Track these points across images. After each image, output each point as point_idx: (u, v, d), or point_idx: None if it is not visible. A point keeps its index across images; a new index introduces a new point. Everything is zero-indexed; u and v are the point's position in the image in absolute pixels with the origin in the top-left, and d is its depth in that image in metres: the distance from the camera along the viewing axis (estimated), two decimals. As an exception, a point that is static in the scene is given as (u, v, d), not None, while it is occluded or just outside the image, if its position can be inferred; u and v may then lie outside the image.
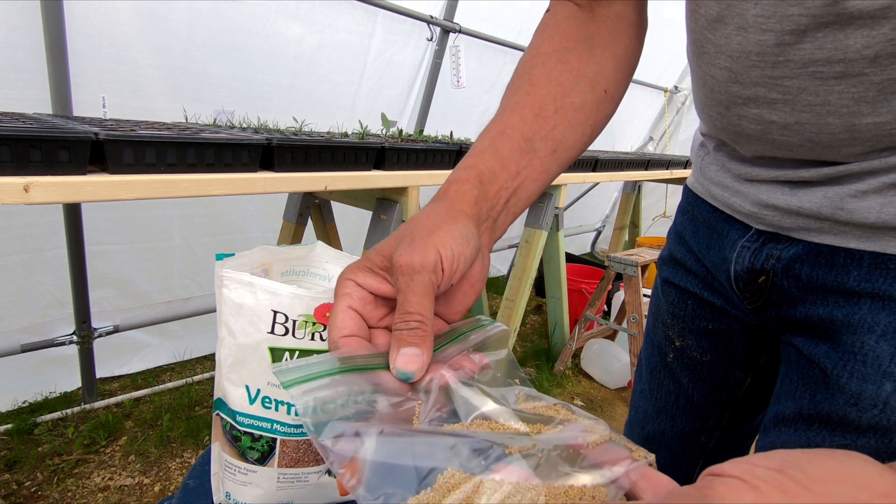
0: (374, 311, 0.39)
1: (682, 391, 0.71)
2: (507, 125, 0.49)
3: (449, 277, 0.38)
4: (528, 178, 0.49)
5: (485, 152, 0.48)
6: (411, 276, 0.36)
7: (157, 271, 2.18)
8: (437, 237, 0.37)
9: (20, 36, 1.53)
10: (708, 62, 0.50)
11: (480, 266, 0.43)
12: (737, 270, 0.57)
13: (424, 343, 0.35)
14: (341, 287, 0.39)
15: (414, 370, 0.35)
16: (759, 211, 0.54)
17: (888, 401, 0.46)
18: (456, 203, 0.43)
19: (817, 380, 0.51)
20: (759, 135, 0.49)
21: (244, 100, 2.05)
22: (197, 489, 0.64)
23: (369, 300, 0.39)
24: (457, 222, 0.40)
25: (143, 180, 1.05)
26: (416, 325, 0.35)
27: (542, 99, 0.50)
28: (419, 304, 0.36)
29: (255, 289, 0.52)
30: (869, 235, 0.46)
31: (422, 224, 0.39)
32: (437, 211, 0.42)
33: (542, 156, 0.49)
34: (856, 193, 0.46)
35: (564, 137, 0.51)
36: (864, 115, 0.42)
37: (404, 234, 0.39)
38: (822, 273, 0.50)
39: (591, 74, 0.53)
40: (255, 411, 0.54)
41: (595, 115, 0.54)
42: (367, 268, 0.39)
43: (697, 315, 0.67)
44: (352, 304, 0.38)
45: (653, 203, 4.40)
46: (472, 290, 0.43)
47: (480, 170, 0.46)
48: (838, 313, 0.49)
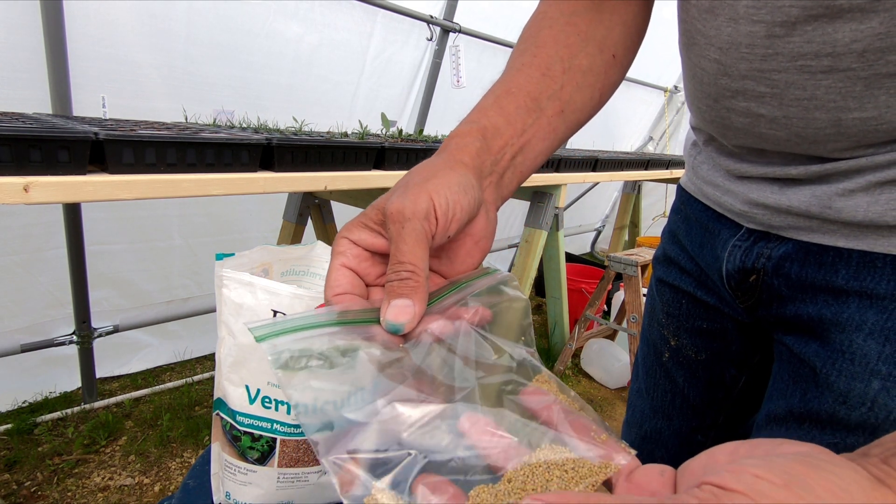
0: (371, 269, 0.38)
1: (678, 390, 0.71)
2: (513, 84, 0.48)
3: (444, 227, 0.36)
4: (535, 136, 0.47)
5: (488, 109, 0.46)
6: (402, 223, 0.34)
7: (157, 271, 2.18)
8: (431, 184, 0.36)
9: (20, 36, 1.53)
10: (698, 54, 0.50)
11: (485, 222, 0.41)
12: (728, 269, 0.57)
13: (416, 294, 0.33)
14: (336, 245, 0.37)
15: (404, 321, 0.33)
16: (749, 209, 0.54)
17: (876, 399, 0.46)
18: (455, 154, 0.41)
19: (807, 378, 0.51)
20: (746, 128, 0.49)
21: (244, 100, 2.05)
22: (197, 489, 0.64)
23: (365, 257, 0.37)
24: (454, 171, 0.38)
25: (142, 180, 1.05)
26: (408, 275, 0.34)
27: (549, 60, 0.49)
28: (410, 252, 0.34)
29: (255, 289, 0.52)
30: (857, 234, 0.46)
31: (417, 174, 0.38)
32: (434, 162, 0.40)
33: (550, 115, 0.48)
34: (843, 192, 0.46)
35: (572, 98, 0.50)
36: (851, 110, 0.42)
37: (399, 185, 0.37)
38: (811, 272, 0.50)
39: (599, 38, 0.52)
40: (254, 411, 0.54)
41: (603, 79, 0.52)
42: (362, 224, 0.37)
43: (692, 314, 0.67)
44: (346, 262, 0.36)
45: (653, 203, 4.40)
46: (476, 247, 0.41)
47: (483, 125, 0.44)
48: (827, 312, 0.49)
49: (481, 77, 2.93)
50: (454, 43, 2.55)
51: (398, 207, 0.34)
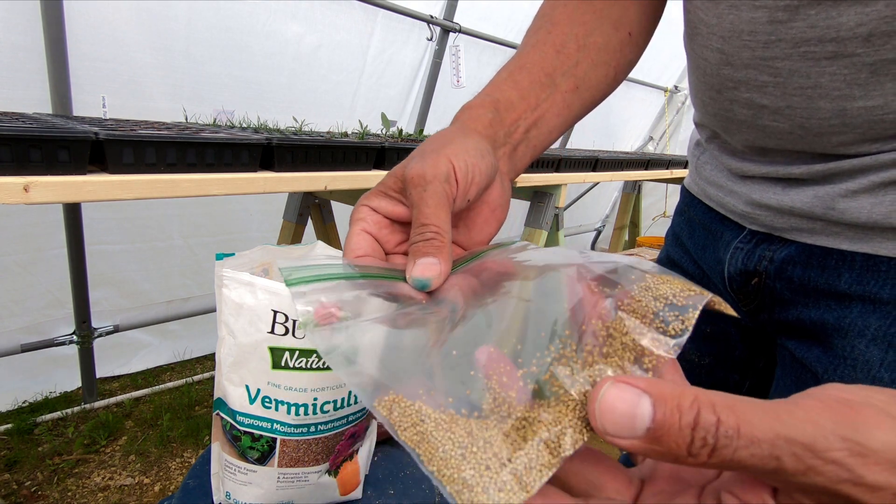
0: (391, 236, 0.38)
1: None
2: (527, 60, 0.48)
3: (464, 189, 0.36)
4: (549, 111, 0.47)
5: (502, 83, 0.46)
6: (423, 186, 0.34)
7: (157, 271, 2.18)
8: (449, 149, 0.36)
9: (20, 36, 1.53)
10: (701, 44, 0.50)
11: (500, 190, 0.41)
12: (730, 272, 0.57)
13: (441, 253, 0.33)
14: (355, 213, 0.37)
15: (431, 276, 0.33)
16: (752, 211, 0.54)
17: None
18: (468, 124, 0.41)
19: (809, 384, 0.50)
20: (749, 120, 0.49)
21: (244, 99, 2.05)
22: (197, 489, 0.64)
23: (385, 224, 0.37)
24: (469, 137, 0.38)
25: (143, 180, 1.05)
26: (433, 236, 0.33)
27: (564, 37, 0.49)
28: (434, 214, 0.34)
29: (255, 288, 0.52)
30: (861, 236, 0.46)
31: (433, 141, 0.38)
32: (448, 131, 0.40)
33: (564, 91, 0.48)
34: (846, 193, 0.45)
35: (587, 76, 0.49)
36: (856, 98, 0.41)
37: (416, 153, 0.38)
38: (814, 275, 0.49)
39: (615, 16, 0.51)
40: (255, 411, 0.54)
41: (619, 57, 0.52)
42: (381, 192, 0.37)
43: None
44: (366, 228, 0.36)
45: (653, 203, 4.39)
46: (492, 216, 0.41)
47: (496, 98, 0.44)
48: (829, 317, 0.48)
49: (481, 77, 2.93)
50: (454, 43, 2.55)
51: (418, 171, 0.34)
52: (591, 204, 4.65)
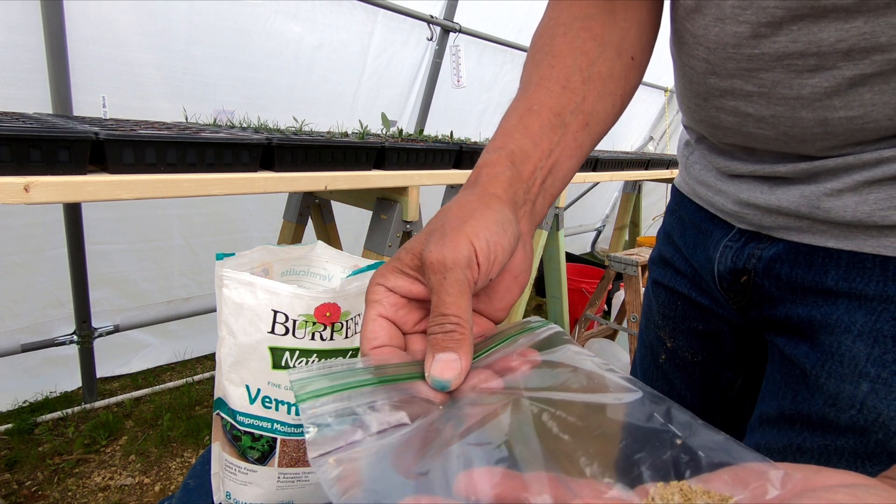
0: (409, 316, 0.36)
1: (675, 392, 0.71)
2: (534, 101, 0.46)
3: (486, 271, 0.34)
4: (563, 155, 0.46)
5: (513, 131, 0.45)
6: (444, 273, 0.33)
7: (157, 271, 2.18)
8: (470, 227, 0.34)
9: (20, 36, 1.53)
10: (687, 53, 0.50)
11: (523, 255, 0.39)
12: (720, 270, 0.57)
13: (462, 347, 0.32)
14: (371, 293, 0.35)
15: (451, 378, 0.31)
16: (740, 210, 0.54)
17: (865, 401, 0.46)
18: (488, 188, 0.39)
19: (798, 380, 0.51)
20: (735, 127, 0.49)
21: (244, 99, 2.05)
22: (197, 489, 0.64)
23: (402, 304, 0.36)
24: (490, 208, 0.37)
25: (143, 180, 1.05)
26: (453, 328, 0.32)
27: (568, 70, 0.47)
28: (455, 304, 0.32)
29: (256, 288, 0.52)
30: (846, 234, 0.46)
31: (452, 214, 0.36)
32: (467, 199, 0.38)
33: (574, 130, 0.47)
34: (831, 192, 0.46)
35: (595, 109, 0.48)
36: (837, 108, 0.42)
37: (434, 228, 0.36)
38: (801, 273, 0.50)
39: (616, 41, 0.50)
40: (255, 411, 0.54)
41: (624, 84, 0.51)
42: (397, 269, 0.36)
43: (687, 316, 0.67)
44: (382, 312, 0.35)
45: (653, 203, 4.40)
46: (515, 283, 0.39)
47: (511, 150, 0.43)
48: (816, 313, 0.49)
49: (481, 77, 2.93)
50: (454, 43, 2.55)
51: (438, 258, 0.33)
52: (592, 204, 4.65)
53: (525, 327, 0.39)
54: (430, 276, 0.33)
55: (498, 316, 0.40)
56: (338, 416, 0.29)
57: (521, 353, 0.35)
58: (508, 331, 0.38)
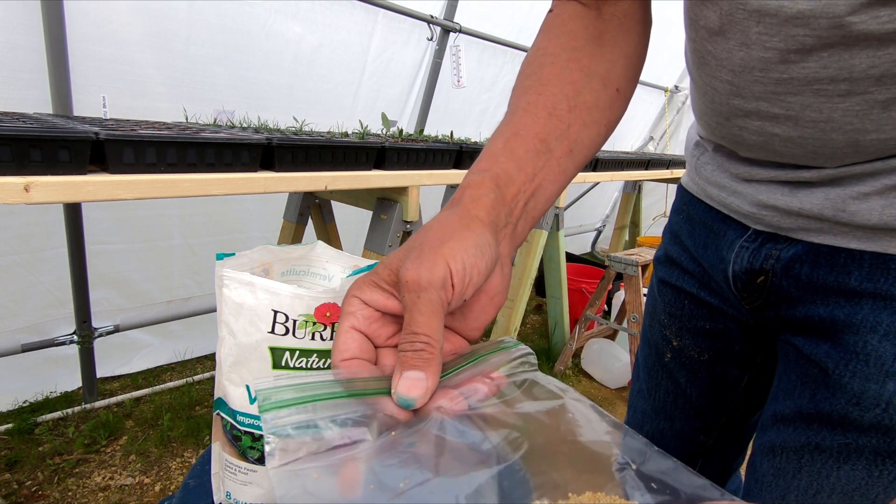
0: (382, 330, 0.37)
1: (680, 391, 0.71)
2: (520, 126, 0.47)
3: (461, 293, 0.35)
4: (546, 179, 0.46)
5: (499, 155, 0.45)
6: (418, 293, 0.33)
7: (157, 271, 2.18)
8: (448, 248, 0.35)
9: (20, 36, 1.53)
10: (709, 73, 0.50)
11: (500, 278, 0.40)
12: (735, 270, 0.57)
13: (430, 367, 0.33)
14: (346, 305, 0.36)
15: (416, 396, 0.32)
16: (757, 211, 0.54)
17: (891, 400, 0.46)
18: (471, 209, 0.40)
19: (817, 379, 0.51)
20: (760, 144, 0.49)
21: (244, 99, 2.05)
22: (197, 489, 0.64)
23: (375, 318, 0.36)
24: (470, 230, 0.37)
25: (143, 180, 1.05)
26: (423, 347, 0.33)
27: (555, 98, 0.48)
28: (426, 324, 0.33)
29: (256, 288, 0.52)
30: (870, 236, 0.46)
31: (432, 234, 0.37)
32: (449, 219, 0.38)
33: (559, 156, 0.47)
34: (857, 195, 0.45)
35: (580, 137, 0.49)
36: (869, 131, 0.42)
37: (413, 246, 0.36)
38: (822, 273, 0.50)
39: (602, 73, 0.51)
40: (255, 411, 0.54)
41: (609, 114, 0.52)
42: (373, 283, 0.36)
43: (694, 315, 0.67)
44: (356, 324, 0.36)
45: (653, 203, 4.40)
46: (490, 303, 0.40)
47: (496, 172, 0.43)
48: (839, 313, 0.49)
49: (482, 77, 2.93)
50: (454, 43, 2.55)
51: (413, 277, 0.33)
52: (592, 204, 4.65)
53: (497, 347, 0.39)
54: (405, 294, 0.34)
55: (472, 335, 0.40)
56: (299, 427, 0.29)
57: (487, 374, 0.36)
58: (479, 350, 0.39)
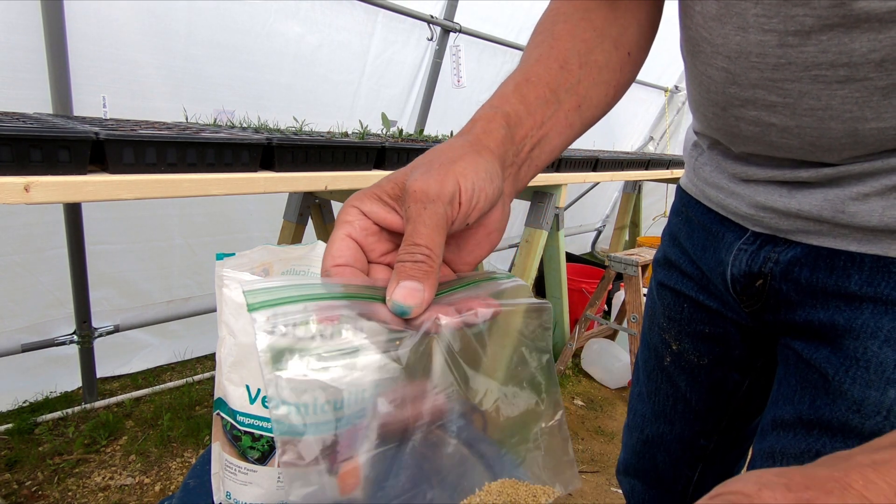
0: (377, 245, 0.36)
1: (680, 395, 0.71)
2: (532, 73, 0.47)
3: (465, 213, 0.34)
4: (553, 129, 0.46)
5: (510, 96, 0.45)
6: (424, 204, 0.32)
7: (157, 271, 2.18)
8: (459, 167, 0.34)
9: (20, 36, 1.53)
10: (704, 62, 0.49)
11: (501, 214, 0.39)
12: (733, 273, 0.56)
13: (428, 279, 0.32)
14: (344, 214, 0.35)
15: (412, 304, 0.31)
16: (755, 213, 0.53)
17: (892, 407, 0.45)
18: (482, 139, 0.39)
19: (817, 385, 0.50)
20: (756, 136, 0.48)
21: (244, 99, 2.05)
22: (197, 489, 0.64)
23: (373, 231, 0.35)
24: (481, 156, 0.36)
25: (143, 180, 1.05)
26: (423, 259, 0.32)
27: (567, 53, 0.48)
28: (429, 236, 0.32)
29: (256, 288, 0.52)
30: (870, 238, 0.45)
31: (442, 153, 0.36)
32: (460, 143, 0.38)
33: (567, 109, 0.47)
34: (857, 196, 0.45)
35: (588, 94, 0.49)
36: (868, 120, 0.41)
37: (422, 162, 0.35)
38: (822, 277, 0.49)
39: (614, 35, 0.51)
40: (255, 411, 0.54)
41: (618, 76, 0.52)
42: (375, 195, 0.35)
43: (694, 318, 0.66)
44: (351, 233, 0.34)
45: (653, 203, 4.39)
46: (487, 239, 0.39)
47: (507, 111, 0.43)
48: (839, 318, 0.48)
49: (482, 77, 2.93)
50: (454, 43, 2.55)
51: (422, 187, 0.32)
52: (592, 204, 4.65)
53: (489, 276, 0.39)
54: (410, 204, 0.33)
55: (462, 269, 0.40)
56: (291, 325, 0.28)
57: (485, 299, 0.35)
58: (471, 277, 0.39)
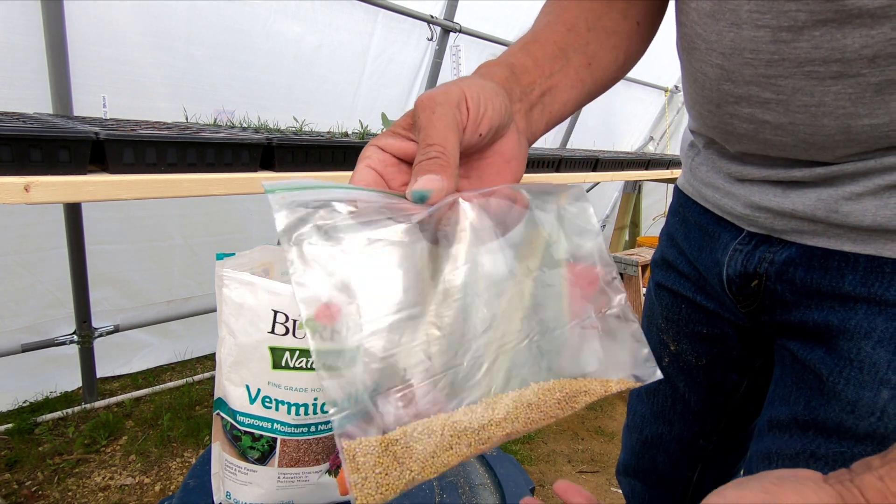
0: (397, 175, 0.37)
1: (679, 395, 0.71)
2: (539, 35, 0.48)
3: (475, 118, 0.35)
4: (563, 81, 0.47)
5: (516, 52, 0.46)
6: (433, 108, 0.33)
7: (157, 271, 2.18)
8: (463, 82, 0.36)
9: (20, 36, 1.53)
10: (699, 59, 0.49)
11: (516, 141, 0.40)
12: (729, 274, 0.56)
13: (445, 171, 0.32)
14: (363, 152, 0.37)
15: (431, 188, 0.32)
16: (750, 213, 0.53)
17: (885, 408, 0.45)
18: (483, 75, 0.42)
19: (812, 385, 0.50)
20: (750, 134, 0.49)
21: (244, 99, 2.05)
22: (197, 489, 0.64)
23: (392, 162, 0.37)
24: (484, 80, 0.39)
25: (143, 180, 1.05)
26: (437, 155, 0.32)
27: (575, 18, 0.49)
28: (440, 135, 0.33)
29: (256, 288, 0.52)
30: (864, 238, 0.45)
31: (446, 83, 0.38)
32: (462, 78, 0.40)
33: (577, 65, 0.48)
34: (850, 196, 0.45)
35: (597, 55, 0.49)
36: (861, 116, 0.41)
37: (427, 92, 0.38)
38: (816, 277, 0.49)
39: (622, 6, 0.51)
40: (255, 411, 0.54)
41: (628, 43, 0.52)
42: (391, 131, 0.37)
43: (691, 319, 0.66)
44: (371, 164, 0.37)
45: (653, 203, 4.39)
46: (506, 167, 0.40)
47: (511, 62, 0.44)
48: (834, 318, 0.48)
49: (482, 77, 2.93)
50: (455, 43, 2.55)
51: (428, 96, 0.34)
52: (592, 204, 4.64)
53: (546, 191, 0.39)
54: (420, 114, 0.34)
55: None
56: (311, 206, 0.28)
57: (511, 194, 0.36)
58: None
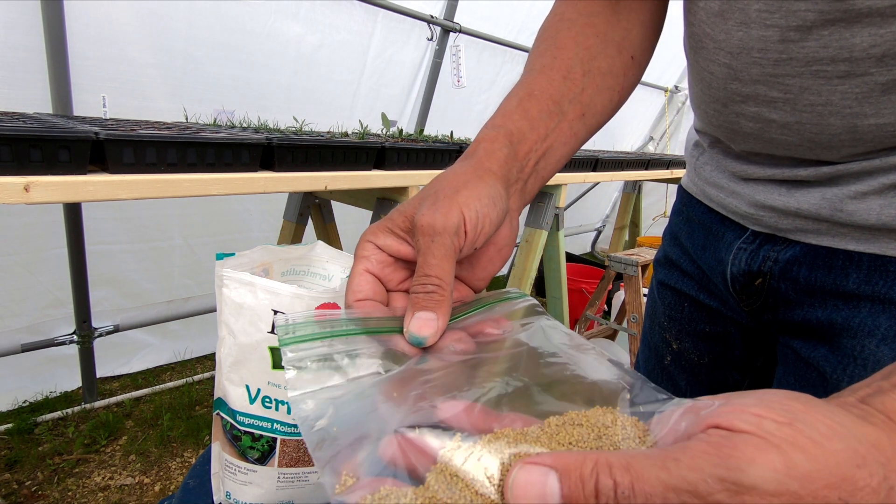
0: (394, 274, 0.38)
1: (681, 394, 0.71)
2: (535, 87, 0.48)
3: (472, 240, 0.36)
4: (557, 141, 0.47)
5: (513, 112, 0.46)
6: (432, 237, 0.34)
7: (157, 271, 2.18)
8: (462, 197, 0.36)
9: (20, 36, 1.53)
10: (706, 58, 0.49)
11: (509, 230, 0.41)
12: (733, 272, 0.56)
13: (441, 308, 0.34)
14: (361, 249, 0.38)
15: (427, 335, 0.33)
16: (755, 212, 0.53)
17: None
18: (484, 162, 0.41)
19: (815, 383, 0.50)
20: (756, 133, 0.49)
21: (244, 99, 2.05)
22: (197, 489, 0.64)
23: (388, 262, 0.38)
24: (484, 181, 0.38)
25: (143, 180, 1.05)
26: (433, 289, 0.34)
27: (570, 62, 0.49)
28: (438, 267, 0.34)
29: (256, 288, 0.52)
30: (868, 237, 0.45)
31: (447, 182, 0.38)
32: (463, 169, 0.40)
33: (571, 119, 0.48)
34: (855, 195, 0.45)
35: (593, 102, 0.50)
36: (867, 116, 0.41)
37: (428, 194, 0.38)
38: (820, 276, 0.49)
39: (618, 39, 0.51)
40: (255, 411, 0.54)
41: (622, 81, 0.52)
42: (388, 229, 0.38)
43: (694, 318, 0.66)
44: (369, 268, 0.37)
45: (653, 203, 4.40)
46: (498, 255, 0.41)
47: (509, 129, 0.45)
48: (837, 317, 0.48)
49: (481, 77, 2.93)
50: (454, 43, 2.55)
51: (429, 222, 0.35)
52: (592, 204, 4.65)
53: (502, 297, 0.41)
54: (419, 238, 0.35)
55: (478, 285, 0.42)
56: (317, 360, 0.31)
57: (496, 319, 0.38)
58: (486, 298, 0.41)
